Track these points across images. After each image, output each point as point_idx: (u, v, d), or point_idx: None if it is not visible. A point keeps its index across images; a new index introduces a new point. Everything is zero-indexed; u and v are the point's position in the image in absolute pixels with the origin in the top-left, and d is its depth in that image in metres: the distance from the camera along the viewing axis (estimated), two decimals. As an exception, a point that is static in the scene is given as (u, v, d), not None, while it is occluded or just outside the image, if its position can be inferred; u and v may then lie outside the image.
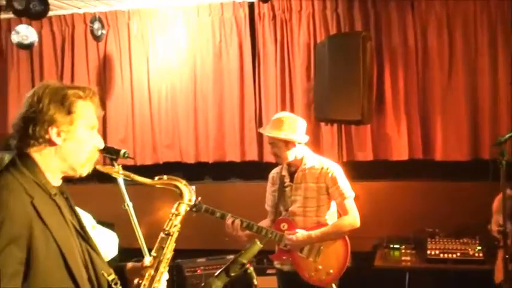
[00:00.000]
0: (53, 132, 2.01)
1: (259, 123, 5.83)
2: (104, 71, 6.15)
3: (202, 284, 2.23)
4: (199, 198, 4.16)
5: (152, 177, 2.33)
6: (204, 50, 5.98)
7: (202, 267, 5.34)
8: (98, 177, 2.40)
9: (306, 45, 5.74)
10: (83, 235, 2.09)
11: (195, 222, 4.18)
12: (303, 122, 4.07)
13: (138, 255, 2.81)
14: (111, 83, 6.13)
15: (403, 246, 5.07)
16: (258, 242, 2.40)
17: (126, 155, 3.01)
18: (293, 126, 3.96)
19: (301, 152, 4.04)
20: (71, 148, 2.05)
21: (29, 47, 5.93)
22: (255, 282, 2.35)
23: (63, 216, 2.03)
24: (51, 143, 2.02)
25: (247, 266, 2.37)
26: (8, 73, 6.29)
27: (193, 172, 6.05)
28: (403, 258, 4.96)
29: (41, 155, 2.03)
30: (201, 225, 4.29)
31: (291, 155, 4.00)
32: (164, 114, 6.10)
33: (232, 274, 2.37)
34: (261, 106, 5.88)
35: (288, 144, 3.97)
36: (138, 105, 6.11)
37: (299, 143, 3.99)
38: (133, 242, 3.29)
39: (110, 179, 2.67)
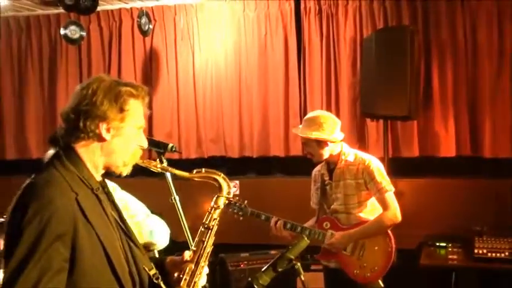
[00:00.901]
0: (103, 127, 2.02)
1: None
2: (150, 65, 6.23)
3: (249, 279, 2.23)
4: (246, 202, 4.21)
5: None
6: (250, 44, 6.00)
7: (245, 262, 5.37)
8: (144, 171, 2.43)
9: (352, 39, 5.70)
10: (125, 230, 2.11)
11: (239, 219, 4.24)
12: (336, 120, 4.04)
13: (183, 248, 2.84)
14: (157, 77, 6.21)
15: (450, 245, 5.00)
16: (306, 238, 2.41)
17: (174, 149, 3.05)
18: (325, 125, 3.94)
19: (337, 149, 4.02)
20: (117, 145, 2.07)
21: (77, 41, 6.04)
22: (302, 278, 2.36)
23: (104, 211, 2.04)
24: (99, 138, 2.03)
25: (295, 261, 2.39)
26: (57, 67, 6.40)
27: (238, 167, 6.09)
28: (450, 256, 4.89)
29: (86, 149, 2.04)
30: (244, 220, 4.31)
31: (325, 153, 3.99)
32: (209, 109, 6.15)
33: (280, 269, 2.39)
34: (306, 101, 5.87)
35: (320, 143, 3.95)
36: (184, 99, 6.18)
37: (332, 142, 3.97)
38: (178, 235, 3.33)
39: (158, 174, 2.71)
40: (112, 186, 3.07)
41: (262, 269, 2.39)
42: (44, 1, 5.92)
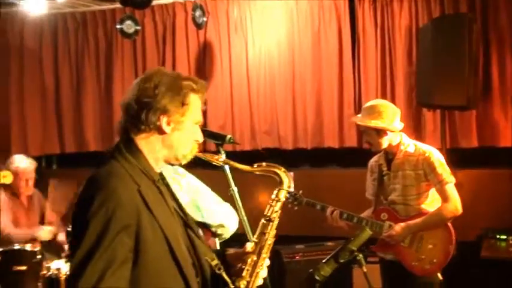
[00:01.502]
0: (163, 120, 2.04)
1: (359, 109, 5.78)
2: (204, 58, 6.29)
3: (310, 270, 2.25)
4: (301, 192, 4.21)
5: (251, 163, 2.37)
6: (303, 35, 5.99)
7: (301, 254, 5.38)
8: (202, 163, 2.47)
9: (407, 28, 5.63)
10: (186, 221, 2.13)
11: (293, 209, 4.25)
12: (395, 109, 4.00)
13: (241, 240, 2.87)
14: (210, 70, 6.27)
15: (511, 237, 4.90)
16: (368, 229, 2.41)
17: (231, 140, 3.08)
18: (385, 114, 3.91)
19: (396, 139, 3.98)
20: (176, 139, 2.09)
21: (132, 36, 6.15)
22: (364, 269, 2.37)
23: (166, 203, 2.06)
24: (160, 131, 2.05)
25: (356, 253, 2.39)
26: (113, 62, 6.53)
27: (291, 158, 6.10)
28: (511, 249, 4.80)
29: (146, 142, 2.06)
30: (299, 212, 4.32)
31: (384, 143, 3.95)
32: (263, 100, 6.17)
33: (341, 261, 2.40)
34: (360, 91, 5.84)
35: (379, 132, 3.92)
36: (237, 91, 6.22)
37: (391, 131, 3.93)
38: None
39: (215, 165, 2.75)
40: (182, 172, 3.15)
41: (324, 260, 2.41)
42: (100, -3, 6.05)
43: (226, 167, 3.03)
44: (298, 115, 6.07)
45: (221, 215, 3.28)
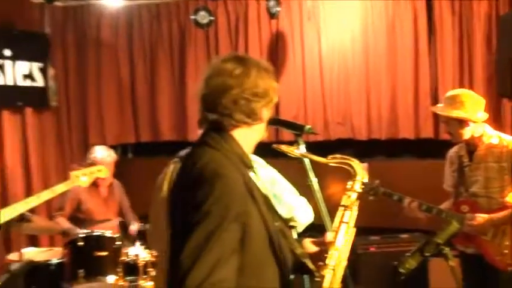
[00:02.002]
0: (259, 109, 2.07)
1: (435, 99, 5.70)
2: (277, 48, 6.31)
3: (395, 262, 2.24)
4: (377, 182, 4.18)
5: (325, 154, 2.39)
6: (377, 24, 5.94)
7: (375, 246, 5.37)
8: (274, 153, 2.50)
9: (487, 16, 5.50)
10: (273, 209, 2.15)
11: (368, 200, 4.23)
12: (479, 98, 3.92)
13: (317, 230, 2.88)
14: (283, 60, 6.29)
15: None
16: (455, 223, 2.38)
17: (311, 130, 3.08)
18: (467, 104, 3.83)
19: (479, 130, 3.90)
20: (262, 127, 2.14)
21: (206, 26, 6.24)
22: (451, 263, 2.35)
23: (260, 192, 2.07)
24: (255, 119, 2.07)
25: (443, 246, 2.37)
26: (186, 52, 6.63)
27: (365, 149, 6.07)
28: None
29: (239, 132, 2.08)
30: (372, 203, 4.29)
31: (466, 133, 3.87)
32: (336, 91, 6.16)
33: (427, 254, 2.39)
34: (437, 81, 5.74)
35: (461, 122, 3.85)
36: (310, 82, 6.22)
37: (474, 122, 3.85)
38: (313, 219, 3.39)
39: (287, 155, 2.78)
40: (260, 161, 3.20)
41: (408, 253, 2.40)
42: (174, -12, 6.15)
43: (305, 159, 3.05)
44: (372, 105, 6.02)
45: (295, 208, 3.30)
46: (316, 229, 3.84)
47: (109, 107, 6.85)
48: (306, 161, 3.14)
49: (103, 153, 5.48)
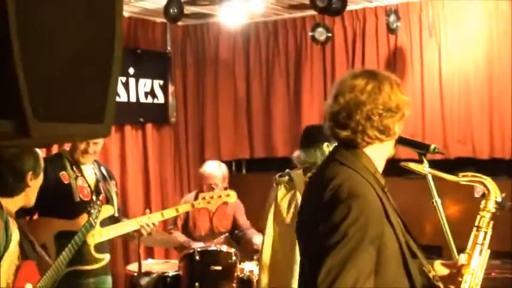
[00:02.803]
0: (394, 125, 2.06)
1: None
2: (394, 64, 6.33)
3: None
4: (503, 195, 4.08)
5: (447, 173, 2.39)
6: (502, 39, 5.81)
7: (498, 271, 5.21)
8: (397, 170, 2.53)
9: None
10: (406, 228, 2.12)
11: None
12: None
13: (434, 251, 2.89)
14: (401, 76, 6.28)
15: None
16: None
17: (436, 150, 3.07)
18: None
19: None
20: (392, 143, 2.14)
21: (324, 43, 6.37)
22: None
23: (393, 210, 2.06)
24: (389, 135, 2.07)
25: None
26: (301, 68, 6.78)
27: (487, 168, 5.92)
28: None
29: (371, 148, 2.07)
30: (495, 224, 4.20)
31: None
32: (456, 108, 6.08)
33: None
34: None
35: None
36: (429, 99, 6.19)
37: None
38: (436, 239, 3.39)
39: (408, 173, 2.80)
40: None
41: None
42: (291, 5, 6.33)
43: (429, 177, 3.07)
44: (495, 124, 5.90)
45: None
46: (433, 250, 3.84)
47: (225, 123, 7.14)
48: (430, 180, 3.16)
49: (213, 167, 5.69)
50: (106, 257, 4.40)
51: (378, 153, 2.10)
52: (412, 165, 2.42)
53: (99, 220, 4.11)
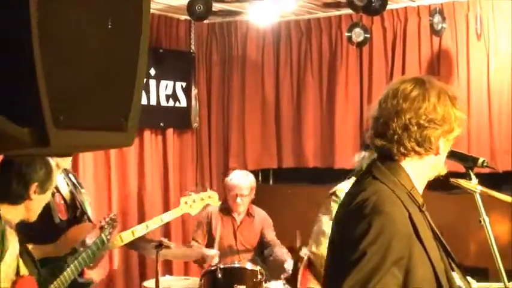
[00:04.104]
0: (442, 140, 2.06)
1: None
2: (438, 67, 6.27)
3: None
4: None
5: (491, 188, 2.36)
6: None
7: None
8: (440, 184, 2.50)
9: None
10: (447, 250, 2.11)
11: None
12: None
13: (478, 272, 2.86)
14: (445, 81, 6.17)
15: None
16: None
17: (485, 164, 3.02)
18: None
19: None
20: (438, 160, 2.11)
21: (361, 44, 6.35)
22: None
23: (431, 231, 2.06)
24: (434, 151, 2.06)
25: None
26: (336, 71, 6.75)
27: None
28: None
29: (415, 163, 2.07)
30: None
31: None
32: (505, 118, 6.03)
33: None
34: None
35: None
36: (475, 107, 6.14)
37: None
38: (483, 260, 3.36)
39: (452, 187, 2.77)
40: None
41: None
42: (326, 3, 6.33)
43: (478, 195, 3.03)
44: (549, 135, 5.83)
45: None
46: (478, 273, 3.81)
47: (252, 129, 7.14)
48: (478, 198, 3.12)
49: (239, 177, 5.66)
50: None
51: (418, 169, 2.09)
52: (462, 182, 2.40)
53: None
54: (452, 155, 2.56)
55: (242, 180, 5.64)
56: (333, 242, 2.14)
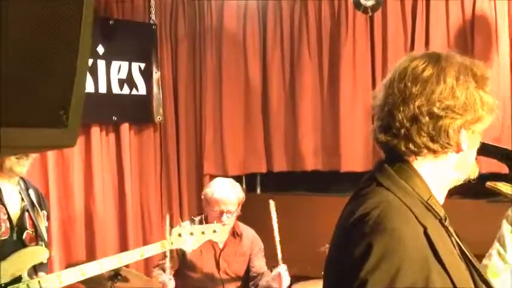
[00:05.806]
0: (464, 132, 2.03)
1: None
2: (472, 39, 6.24)
3: None
4: None
5: None
6: None
7: None
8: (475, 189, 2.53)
9: None
10: (475, 266, 2.10)
11: None
12: None
13: None
14: (481, 56, 6.16)
15: None
16: None
17: None
18: None
19: None
20: (462, 159, 2.09)
21: (370, 10, 6.33)
22: None
23: (454, 246, 2.04)
24: (455, 149, 2.05)
25: None
26: (339, 49, 6.73)
27: None
28: None
29: (424, 163, 2.07)
30: None
31: None
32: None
33: None
34: None
35: None
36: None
37: None
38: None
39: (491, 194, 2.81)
40: None
41: None
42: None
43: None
44: None
45: None
46: None
47: (232, 123, 7.13)
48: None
49: (224, 189, 5.48)
50: None
51: (435, 171, 2.09)
52: (503, 187, 2.40)
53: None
54: (490, 150, 2.55)
55: (229, 194, 5.45)
56: (329, 262, 2.16)
